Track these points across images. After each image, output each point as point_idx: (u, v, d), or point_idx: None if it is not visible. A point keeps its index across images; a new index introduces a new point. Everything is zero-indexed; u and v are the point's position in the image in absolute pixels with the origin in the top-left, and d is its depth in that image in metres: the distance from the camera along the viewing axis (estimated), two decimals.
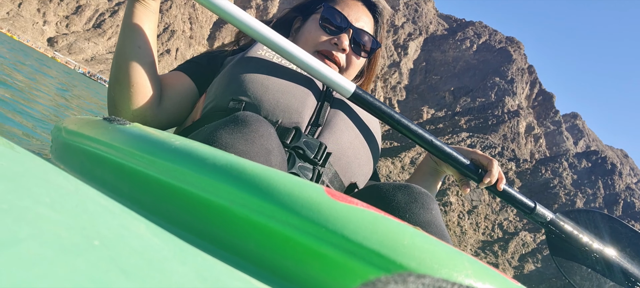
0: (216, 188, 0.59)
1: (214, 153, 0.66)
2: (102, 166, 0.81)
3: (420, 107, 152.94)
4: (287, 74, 1.35)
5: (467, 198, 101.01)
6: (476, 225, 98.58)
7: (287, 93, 1.30)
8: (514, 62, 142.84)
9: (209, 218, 0.59)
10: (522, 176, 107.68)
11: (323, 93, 1.40)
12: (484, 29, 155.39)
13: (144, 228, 0.38)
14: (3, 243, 0.25)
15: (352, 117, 1.41)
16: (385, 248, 0.48)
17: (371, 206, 0.56)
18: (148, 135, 0.77)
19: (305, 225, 0.52)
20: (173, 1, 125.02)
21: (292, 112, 1.28)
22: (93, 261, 0.28)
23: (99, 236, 0.31)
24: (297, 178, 0.59)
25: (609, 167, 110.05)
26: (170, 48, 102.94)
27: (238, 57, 1.40)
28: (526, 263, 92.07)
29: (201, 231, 0.59)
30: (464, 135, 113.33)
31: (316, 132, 1.31)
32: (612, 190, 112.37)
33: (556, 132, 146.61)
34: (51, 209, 0.32)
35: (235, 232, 0.57)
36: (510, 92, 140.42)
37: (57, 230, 0.29)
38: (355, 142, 1.37)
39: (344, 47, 1.50)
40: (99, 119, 0.98)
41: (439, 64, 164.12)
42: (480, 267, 0.51)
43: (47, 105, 5.46)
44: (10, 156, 0.40)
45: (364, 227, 0.50)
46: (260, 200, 0.56)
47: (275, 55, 1.39)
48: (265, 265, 0.54)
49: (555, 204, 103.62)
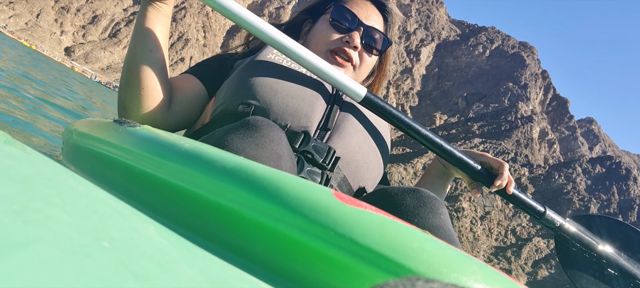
0: (225, 191, 0.59)
1: (223, 156, 0.66)
2: (112, 168, 0.82)
3: (432, 113, 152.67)
4: (296, 77, 1.35)
5: (480, 204, 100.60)
6: (489, 231, 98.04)
7: (296, 97, 1.30)
8: (527, 67, 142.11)
9: (218, 220, 0.59)
10: (536, 182, 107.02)
11: (332, 97, 1.40)
12: (497, 34, 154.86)
13: (153, 230, 0.38)
14: (14, 245, 0.26)
15: (361, 121, 1.40)
16: (394, 251, 0.48)
17: (380, 209, 0.56)
18: (158, 137, 0.78)
19: (313, 228, 0.52)
20: (187, 10, 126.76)
21: (301, 116, 1.28)
22: (102, 262, 0.28)
23: (108, 238, 0.32)
24: (305, 181, 0.59)
25: (624, 172, 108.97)
26: (184, 56, 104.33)
27: (247, 61, 1.40)
28: (539, 269, 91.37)
29: (210, 233, 0.59)
30: (477, 141, 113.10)
31: (325, 137, 1.30)
32: (626, 196, 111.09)
33: (571, 138, 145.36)
34: (62, 211, 0.32)
35: (244, 234, 0.57)
36: (524, 98, 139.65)
37: (67, 231, 0.30)
38: (364, 146, 1.37)
39: (356, 44, 1.50)
40: (109, 121, 0.98)
41: (451, 70, 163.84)
42: (490, 271, 0.51)
43: (66, 108, 5.71)
44: (22, 158, 0.41)
45: (373, 230, 0.50)
46: (268, 203, 0.56)
47: (284, 59, 1.39)
48: (273, 267, 0.54)
49: (569, 210, 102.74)
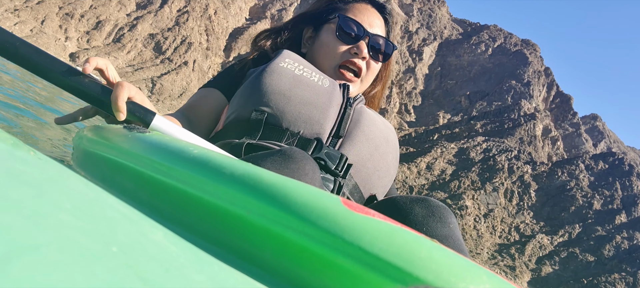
0: (233, 197, 0.60)
1: (231, 162, 0.66)
2: (121, 173, 0.82)
3: (436, 112, 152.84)
4: (309, 85, 1.36)
5: (483, 202, 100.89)
6: (492, 229, 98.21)
7: (309, 104, 1.31)
8: (530, 65, 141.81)
9: (226, 226, 0.60)
10: (539, 179, 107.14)
11: (344, 104, 1.41)
12: (499, 32, 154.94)
13: (162, 236, 0.39)
14: (24, 249, 0.26)
15: (372, 128, 1.41)
16: (402, 260, 0.49)
17: (388, 217, 0.56)
18: (167, 143, 0.78)
19: (321, 236, 0.53)
20: (190, 14, 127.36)
21: (313, 123, 1.29)
22: (111, 267, 0.29)
23: (117, 243, 0.32)
24: (314, 189, 0.60)
25: (627, 168, 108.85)
26: (188, 60, 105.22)
27: (260, 69, 1.41)
28: (544, 266, 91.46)
29: (218, 239, 0.60)
30: (480, 140, 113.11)
31: (337, 144, 1.32)
32: (630, 192, 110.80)
33: (575, 134, 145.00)
34: (71, 216, 0.33)
35: (252, 241, 0.57)
36: (527, 95, 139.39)
37: (76, 236, 0.30)
38: (375, 154, 1.38)
39: (364, 55, 1.52)
40: (119, 127, 0.99)
41: (454, 69, 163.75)
42: (499, 281, 0.51)
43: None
44: (33, 163, 0.42)
45: (381, 238, 0.51)
46: (276, 210, 0.56)
47: (296, 67, 1.40)
48: (281, 274, 0.55)
49: (573, 207, 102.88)
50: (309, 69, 1.43)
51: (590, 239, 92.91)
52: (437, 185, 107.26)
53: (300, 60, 1.46)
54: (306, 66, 1.44)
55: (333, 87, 1.42)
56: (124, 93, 0.99)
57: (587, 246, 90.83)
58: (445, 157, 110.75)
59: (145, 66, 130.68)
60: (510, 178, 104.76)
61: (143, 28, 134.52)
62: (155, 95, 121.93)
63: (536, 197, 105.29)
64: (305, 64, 1.44)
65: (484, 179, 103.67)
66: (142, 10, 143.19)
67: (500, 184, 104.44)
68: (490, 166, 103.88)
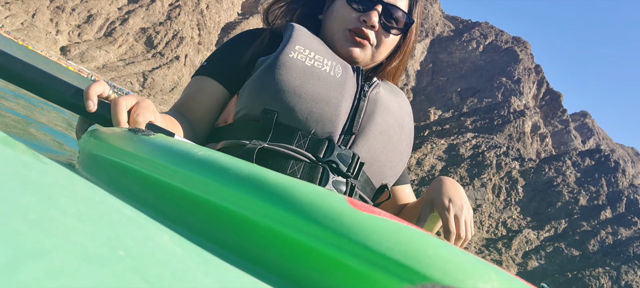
0: (239, 199, 0.60)
1: (236, 164, 0.66)
2: (127, 177, 0.82)
3: (427, 109, 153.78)
4: (320, 78, 1.30)
5: (471, 197, 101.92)
6: (480, 223, 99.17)
7: (321, 101, 1.26)
8: (520, 62, 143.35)
9: (232, 228, 0.60)
10: (526, 175, 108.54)
11: (357, 94, 1.35)
12: (490, 30, 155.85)
13: (168, 239, 0.39)
14: (31, 254, 0.26)
15: (386, 118, 1.36)
16: (409, 258, 0.48)
17: (394, 216, 0.55)
18: (172, 145, 0.78)
19: (327, 236, 0.52)
20: (181, 8, 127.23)
21: (325, 121, 1.25)
22: (117, 271, 0.28)
23: (123, 246, 0.32)
24: (319, 188, 0.59)
25: (613, 164, 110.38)
26: (180, 54, 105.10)
27: (269, 61, 1.33)
28: (529, 260, 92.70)
29: (224, 241, 0.59)
30: (469, 136, 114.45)
31: (349, 141, 1.28)
32: (615, 188, 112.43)
33: (564, 131, 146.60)
34: (77, 220, 0.33)
35: (258, 242, 0.57)
36: (517, 92, 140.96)
37: (83, 240, 0.30)
38: (389, 145, 1.35)
39: (372, 24, 1.43)
40: (123, 129, 0.99)
41: (445, 65, 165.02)
42: (507, 277, 0.50)
43: (75, 117, 6.31)
44: (39, 167, 0.41)
45: (387, 237, 0.50)
46: (282, 211, 0.56)
47: (307, 56, 1.33)
48: (287, 275, 0.54)
49: (559, 202, 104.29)
50: (320, 54, 1.36)
51: (575, 234, 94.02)
52: (427, 180, 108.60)
53: (311, 43, 1.39)
54: (317, 51, 1.36)
55: (346, 75, 1.35)
56: (121, 107, 1.03)
57: (572, 241, 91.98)
58: (435, 153, 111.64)
59: (136, 60, 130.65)
60: (499, 174, 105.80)
61: (134, 22, 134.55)
62: (147, 89, 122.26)
63: (523, 192, 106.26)
64: (316, 49, 1.37)
65: (472, 175, 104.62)
66: (134, 4, 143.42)
67: (489, 180, 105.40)
68: (479, 162, 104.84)
